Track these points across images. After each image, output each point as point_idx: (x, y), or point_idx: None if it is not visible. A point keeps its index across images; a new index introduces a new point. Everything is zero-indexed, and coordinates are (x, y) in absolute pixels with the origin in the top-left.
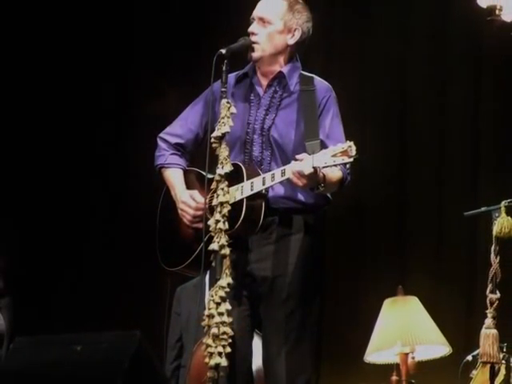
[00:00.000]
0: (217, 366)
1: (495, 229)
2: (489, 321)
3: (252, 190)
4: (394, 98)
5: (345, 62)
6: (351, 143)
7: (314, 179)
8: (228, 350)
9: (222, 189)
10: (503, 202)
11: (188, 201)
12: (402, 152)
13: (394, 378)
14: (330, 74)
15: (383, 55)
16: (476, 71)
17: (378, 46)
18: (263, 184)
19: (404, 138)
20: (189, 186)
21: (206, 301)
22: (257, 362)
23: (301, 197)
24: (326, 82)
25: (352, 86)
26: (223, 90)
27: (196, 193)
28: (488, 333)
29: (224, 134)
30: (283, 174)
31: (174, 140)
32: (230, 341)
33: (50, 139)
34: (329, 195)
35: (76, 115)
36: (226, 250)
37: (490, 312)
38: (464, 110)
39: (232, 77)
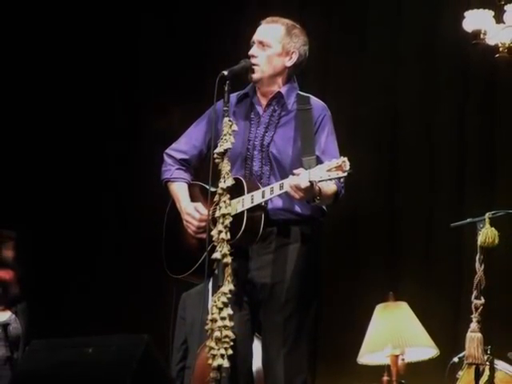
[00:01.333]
0: (219, 367)
1: (480, 239)
2: (474, 325)
3: (252, 202)
4: (385, 116)
5: (339, 83)
6: (345, 159)
7: (311, 192)
8: (230, 352)
9: (224, 201)
10: (487, 214)
11: (192, 212)
12: (393, 166)
13: (385, 378)
14: (326, 93)
15: (375, 76)
16: (463, 91)
17: (371, 67)
18: (263, 197)
19: (395, 153)
20: (193, 199)
21: (210, 306)
22: (257, 363)
23: (298, 209)
24: (322, 102)
25: (346, 104)
26: (225, 109)
27: (200, 205)
28: (473, 336)
29: (226, 150)
30: (281, 187)
31: (179, 156)
32: (232, 343)
33: (66, 154)
34: (324, 207)
35: (88, 133)
36: (228, 259)
37: (475, 317)
38: (451, 126)
39: (233, 96)
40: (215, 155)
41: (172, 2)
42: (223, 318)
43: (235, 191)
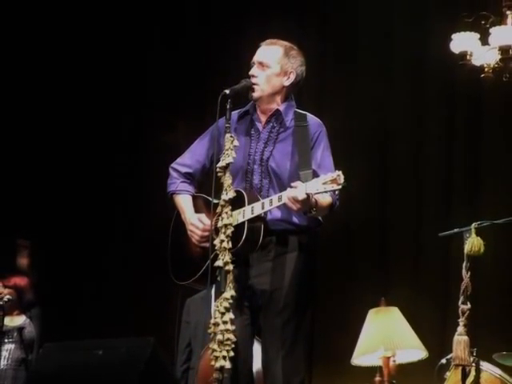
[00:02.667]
0: (221, 368)
1: (466, 247)
2: (461, 328)
3: (252, 213)
4: (377, 132)
5: (334, 101)
6: (340, 172)
7: (307, 204)
8: (231, 354)
9: (226, 212)
10: (473, 224)
11: (196, 223)
12: (384, 179)
13: (378, 378)
14: (321, 111)
15: (368, 94)
16: (450, 108)
17: (364, 86)
18: (262, 208)
19: (386, 167)
20: (197, 210)
21: (212, 311)
22: (257, 364)
23: (295, 219)
24: (318, 119)
25: (340, 121)
26: (227, 125)
27: (203, 216)
28: (460, 339)
29: (228, 165)
30: (280, 199)
31: (183, 169)
32: (233, 346)
33: (77, 169)
34: (320, 218)
35: (99, 149)
36: (230, 266)
37: (461, 321)
38: (439, 142)
39: (235, 114)
40: (218, 169)
41: (178, 26)
42: (225, 322)
43: (236, 203)
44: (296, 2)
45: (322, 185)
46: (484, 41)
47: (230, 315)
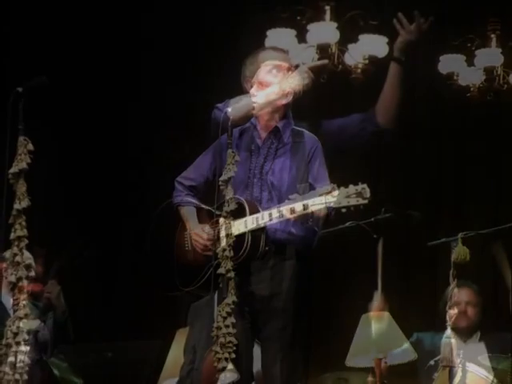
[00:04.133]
0: (224, 369)
1: (453, 256)
2: (448, 331)
3: (253, 224)
4: (369, 146)
5: (329, 117)
6: (335, 185)
7: (304, 215)
8: (233, 356)
9: (228, 223)
10: (460, 234)
11: (200, 233)
12: (376, 190)
13: (370, 379)
14: (317, 128)
15: (361, 111)
16: (437, 125)
17: (357, 104)
18: (262, 219)
19: (378, 180)
20: (200, 221)
21: (215, 315)
22: (257, 366)
23: (293, 230)
24: (314, 135)
25: (334, 137)
26: (229, 141)
27: (206, 226)
28: (448, 341)
29: (230, 178)
30: (279, 211)
31: (188, 183)
32: (235, 348)
33: (87, 179)
34: (316, 228)
35: (108, 165)
36: (232, 274)
37: (449, 324)
38: (429, 156)
39: (236, 131)
40: (220, 182)
41: (181, 46)
42: (227, 326)
43: (238, 214)
44: (293, 22)
45: (318, 197)
46: (470, 62)
47: (231, 319)
